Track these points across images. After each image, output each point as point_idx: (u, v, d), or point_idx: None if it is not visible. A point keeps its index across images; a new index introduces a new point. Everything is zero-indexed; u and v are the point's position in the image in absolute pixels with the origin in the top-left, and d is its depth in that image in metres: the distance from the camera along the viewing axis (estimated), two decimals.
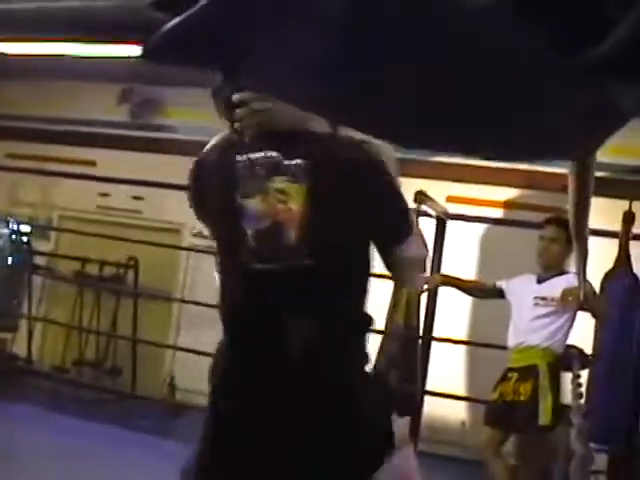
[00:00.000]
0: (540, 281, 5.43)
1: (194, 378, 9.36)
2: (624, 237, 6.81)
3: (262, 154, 2.38)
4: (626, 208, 6.88)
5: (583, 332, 5.76)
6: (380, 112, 1.14)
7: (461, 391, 8.23)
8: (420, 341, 7.35)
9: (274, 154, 2.37)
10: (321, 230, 2.32)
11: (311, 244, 2.31)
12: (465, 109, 1.10)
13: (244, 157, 2.40)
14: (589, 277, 4.97)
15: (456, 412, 8.27)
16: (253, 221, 2.34)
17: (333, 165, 2.38)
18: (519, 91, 1.07)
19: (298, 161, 2.35)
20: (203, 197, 2.57)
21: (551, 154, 1.43)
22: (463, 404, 8.37)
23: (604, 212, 5.73)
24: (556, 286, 5.20)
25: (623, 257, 6.75)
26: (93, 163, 10.66)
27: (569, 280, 5.18)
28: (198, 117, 10.10)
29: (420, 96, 1.09)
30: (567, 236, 5.38)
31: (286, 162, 2.36)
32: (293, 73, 1.12)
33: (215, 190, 2.49)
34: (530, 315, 5.30)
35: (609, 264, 6.62)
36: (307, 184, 2.33)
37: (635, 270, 6.72)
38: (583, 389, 5.32)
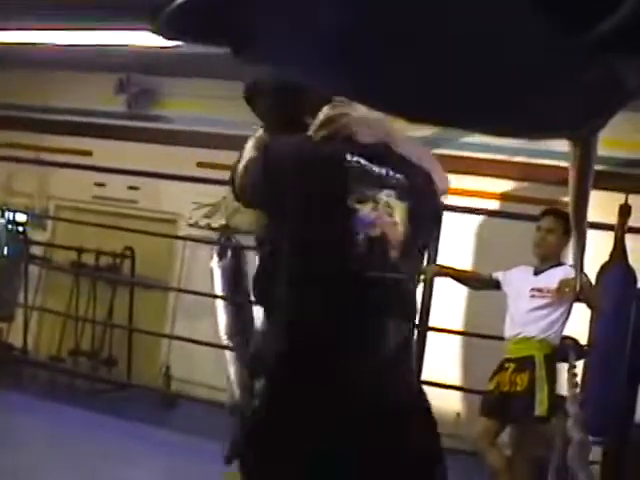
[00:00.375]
0: (537, 273, 5.43)
1: (190, 369, 9.40)
2: (620, 230, 6.82)
3: (368, 163, 2.50)
4: (622, 201, 6.89)
5: (578, 324, 5.76)
6: (382, 86, 1.14)
7: (456, 382, 8.25)
8: (416, 331, 7.35)
9: (377, 167, 2.51)
10: (414, 250, 2.55)
11: (406, 261, 2.50)
12: (467, 85, 1.10)
13: (354, 159, 2.49)
14: (585, 270, 5.00)
15: (451, 403, 8.28)
16: (366, 226, 2.42)
17: (424, 191, 2.62)
18: (522, 68, 1.07)
19: (399, 177, 2.53)
20: (282, 188, 2.51)
21: (554, 131, 1.42)
22: (458, 395, 8.38)
23: (600, 205, 5.73)
24: (553, 277, 5.21)
25: (619, 250, 6.76)
26: (89, 153, 10.65)
27: (566, 271, 5.19)
28: (195, 108, 10.10)
29: (422, 70, 1.09)
30: (564, 228, 5.39)
31: (388, 175, 2.51)
32: (306, 51, 1.12)
33: (317, 187, 2.49)
34: (527, 306, 5.30)
35: (605, 257, 6.63)
36: (408, 204, 2.50)
37: (631, 263, 6.74)
38: (578, 379, 5.32)
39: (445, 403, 7.97)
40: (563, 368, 5.32)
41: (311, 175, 2.48)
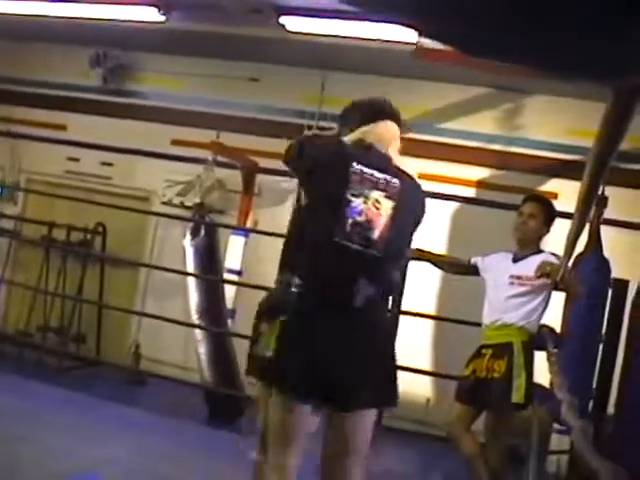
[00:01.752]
0: (516, 260, 5.38)
1: (159, 347, 9.35)
2: (596, 221, 6.83)
3: (370, 171, 3.48)
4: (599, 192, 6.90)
5: (551, 312, 5.74)
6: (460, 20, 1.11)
7: (426, 367, 8.24)
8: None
9: (377, 174, 3.49)
10: (393, 235, 3.48)
11: (385, 242, 3.44)
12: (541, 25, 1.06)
13: (358, 167, 3.46)
14: (560, 259, 4.98)
15: (421, 389, 8.29)
16: (355, 213, 3.40)
17: (412, 196, 3.61)
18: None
19: (394, 181, 3.51)
20: (312, 174, 3.53)
21: (616, 72, 1.36)
22: (428, 381, 8.38)
23: (577, 195, 5.73)
24: (532, 265, 5.16)
25: (594, 240, 6.77)
26: (63, 127, 10.54)
27: (546, 259, 5.15)
28: (170, 85, 10.01)
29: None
30: (545, 215, 5.37)
31: (383, 180, 3.49)
32: None
33: (329, 181, 3.49)
34: (506, 293, 5.26)
35: (580, 247, 6.63)
36: (395, 202, 3.48)
37: (605, 253, 6.76)
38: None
39: (415, 389, 7.98)
40: (537, 356, 5.30)
41: (328, 171, 3.49)
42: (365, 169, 3.47)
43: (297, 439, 3.49)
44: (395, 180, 3.51)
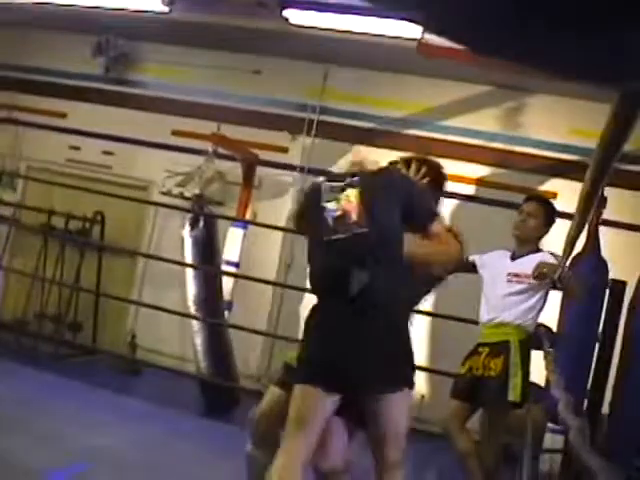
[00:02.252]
0: (514, 258, 5.39)
1: (156, 337, 9.35)
2: (594, 221, 6.82)
3: (337, 183, 4.01)
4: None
5: (548, 312, 5.75)
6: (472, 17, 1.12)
7: (421, 364, 8.24)
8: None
9: (344, 182, 4.00)
10: (368, 212, 3.85)
11: (365, 218, 3.83)
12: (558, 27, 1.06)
13: (328, 184, 4.04)
14: (558, 259, 4.98)
15: (416, 385, 8.28)
16: (332, 212, 3.90)
17: (379, 178, 4.06)
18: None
19: (355, 178, 4.00)
20: (304, 215, 4.22)
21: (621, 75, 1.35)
22: (423, 378, 8.39)
23: (576, 195, 5.73)
24: (531, 263, 5.17)
25: (592, 241, 6.77)
26: (64, 115, 10.53)
27: (544, 258, 5.16)
28: (173, 75, 10.00)
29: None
30: (546, 215, 5.38)
31: (348, 181, 3.99)
32: None
33: (312, 205, 4.05)
34: (503, 291, 5.26)
35: (578, 247, 6.63)
36: (359, 188, 3.94)
37: (603, 254, 6.76)
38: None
39: None
40: (533, 355, 5.30)
41: (311, 202, 4.08)
42: (333, 183, 4.06)
43: (310, 424, 3.66)
44: (355, 178, 4.03)
